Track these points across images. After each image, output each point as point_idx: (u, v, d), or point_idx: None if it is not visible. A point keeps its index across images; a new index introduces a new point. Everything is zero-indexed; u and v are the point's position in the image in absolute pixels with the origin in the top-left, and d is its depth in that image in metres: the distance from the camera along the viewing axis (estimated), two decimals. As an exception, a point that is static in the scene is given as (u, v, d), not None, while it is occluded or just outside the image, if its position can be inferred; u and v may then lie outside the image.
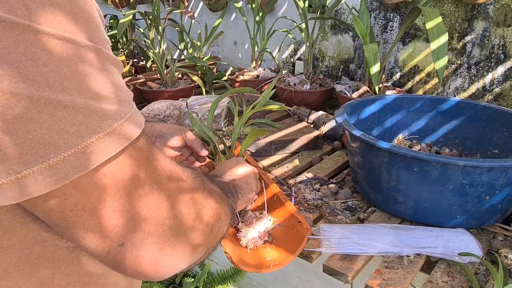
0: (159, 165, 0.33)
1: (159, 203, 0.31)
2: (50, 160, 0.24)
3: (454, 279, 0.60)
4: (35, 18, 0.23)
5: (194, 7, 2.16)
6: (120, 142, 0.28)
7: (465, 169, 0.62)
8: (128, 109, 0.29)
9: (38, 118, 0.24)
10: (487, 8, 1.17)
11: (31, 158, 0.24)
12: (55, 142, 0.24)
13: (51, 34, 0.24)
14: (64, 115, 0.24)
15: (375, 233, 0.67)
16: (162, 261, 0.32)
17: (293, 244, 0.61)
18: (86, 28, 0.26)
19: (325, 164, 0.98)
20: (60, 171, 0.25)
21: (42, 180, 0.25)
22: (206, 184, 0.42)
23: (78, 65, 0.25)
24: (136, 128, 0.29)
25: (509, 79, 1.18)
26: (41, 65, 0.24)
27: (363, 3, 1.22)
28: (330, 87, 1.42)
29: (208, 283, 1.46)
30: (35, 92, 0.23)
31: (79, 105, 0.25)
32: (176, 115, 1.17)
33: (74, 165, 0.25)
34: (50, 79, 0.24)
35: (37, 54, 0.23)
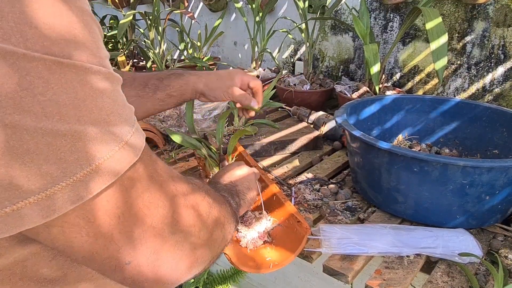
0: (162, 183, 0.32)
1: (162, 220, 0.31)
2: (48, 191, 0.24)
3: (454, 279, 0.60)
4: (30, 45, 0.22)
5: (194, 8, 2.16)
6: (120, 166, 0.27)
7: (465, 169, 0.62)
8: (130, 127, 0.28)
9: (35, 149, 0.23)
10: (487, 8, 1.17)
11: (28, 189, 0.23)
12: (53, 172, 0.24)
13: (48, 61, 0.23)
14: (62, 143, 0.24)
15: (375, 233, 0.67)
16: (164, 272, 0.32)
17: (292, 244, 0.61)
18: (86, 49, 0.25)
19: (325, 164, 0.98)
20: (57, 201, 0.24)
21: (39, 211, 0.24)
22: (209, 193, 0.41)
23: (77, 91, 0.24)
24: (138, 147, 0.29)
25: (509, 80, 1.18)
26: (37, 94, 0.23)
27: (363, 4, 1.22)
28: (330, 87, 1.42)
29: (208, 283, 1.46)
30: (32, 123, 0.22)
31: (79, 133, 0.24)
32: (176, 115, 1.17)
33: (73, 194, 0.25)
34: (48, 108, 0.23)
35: (33, 83, 0.22)
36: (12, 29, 0.22)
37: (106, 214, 0.27)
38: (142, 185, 0.30)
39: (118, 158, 0.27)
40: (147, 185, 0.30)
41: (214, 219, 0.39)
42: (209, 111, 1.13)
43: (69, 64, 0.24)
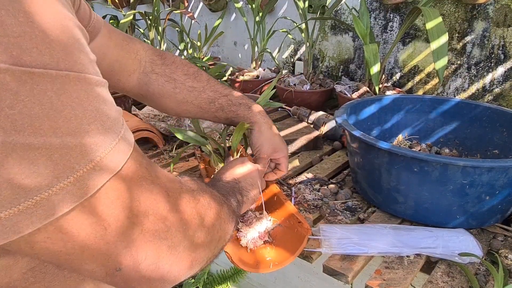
0: (153, 187, 0.31)
1: (156, 228, 0.31)
2: (21, 205, 0.23)
3: (454, 280, 0.60)
4: (28, 62, 0.21)
5: (194, 8, 2.16)
6: (103, 175, 0.26)
7: (465, 170, 0.62)
8: (115, 134, 0.27)
9: (5, 163, 0.22)
10: (487, 8, 1.17)
11: (5, 201, 0.22)
12: (26, 186, 0.22)
13: (17, 72, 0.21)
14: (36, 156, 0.22)
15: (375, 233, 0.67)
16: (162, 272, 0.32)
17: (293, 244, 0.61)
18: (64, 56, 0.24)
19: (325, 165, 0.98)
20: (32, 215, 0.23)
21: (11, 226, 0.23)
22: (207, 194, 0.41)
23: (52, 101, 0.23)
24: (122, 155, 0.27)
25: (509, 80, 1.18)
26: (5, 107, 0.21)
27: (363, 4, 1.22)
28: (330, 87, 1.42)
29: (208, 283, 1.46)
30: (0, 138, 0.21)
31: (54, 145, 0.23)
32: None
33: (48, 208, 0.24)
34: (18, 121, 0.22)
35: (0, 96, 0.21)
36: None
37: (90, 225, 0.26)
38: (132, 192, 0.29)
39: (103, 166, 0.26)
40: (139, 192, 0.29)
41: (211, 220, 0.39)
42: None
43: (42, 73, 0.23)
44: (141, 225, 0.29)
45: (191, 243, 0.35)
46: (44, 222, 0.24)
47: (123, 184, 0.28)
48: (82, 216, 0.26)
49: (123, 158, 0.27)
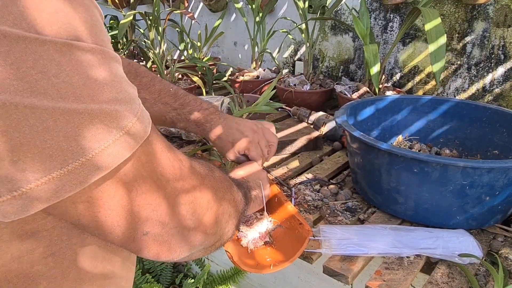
0: (166, 161, 0.34)
1: (171, 199, 0.34)
2: (69, 166, 0.25)
3: (454, 280, 0.60)
4: (40, 29, 0.23)
5: (194, 8, 2.16)
6: (136, 140, 0.28)
7: (465, 170, 0.62)
8: (138, 105, 0.29)
9: (54, 127, 0.24)
10: (487, 8, 1.17)
11: (50, 165, 0.24)
12: (73, 148, 0.25)
13: (58, 44, 0.24)
14: (80, 121, 0.25)
15: (375, 234, 0.67)
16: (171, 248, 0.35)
17: (294, 245, 0.62)
18: (90, 31, 0.26)
19: (325, 165, 0.98)
20: (79, 175, 0.25)
21: (62, 186, 0.25)
22: (220, 183, 0.43)
23: (87, 71, 0.25)
24: (148, 122, 0.30)
25: (509, 80, 1.18)
26: (52, 77, 0.23)
27: (363, 4, 1.22)
28: (330, 87, 1.42)
29: (208, 283, 1.46)
30: (49, 104, 0.23)
31: (94, 111, 0.25)
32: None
33: (92, 168, 0.26)
34: (62, 90, 0.24)
35: (47, 66, 0.23)
36: (22, 15, 0.22)
37: (125, 187, 0.29)
38: (154, 159, 0.32)
39: (134, 132, 0.28)
40: (158, 160, 0.32)
41: (213, 214, 0.40)
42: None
43: (78, 46, 0.25)
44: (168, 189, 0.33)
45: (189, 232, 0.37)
46: (90, 181, 0.26)
47: (147, 148, 0.31)
48: (120, 176, 0.29)
49: (148, 125, 0.30)
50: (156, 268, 1.54)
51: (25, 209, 0.25)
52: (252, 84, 1.56)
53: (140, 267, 1.51)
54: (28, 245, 0.30)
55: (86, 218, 0.29)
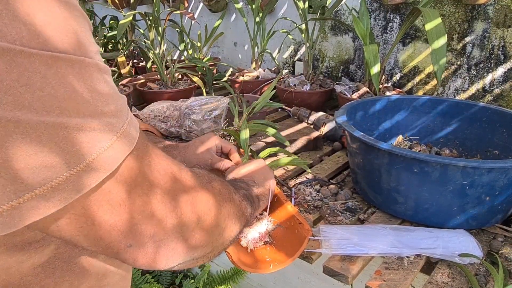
0: (157, 168, 0.33)
1: (160, 206, 0.32)
2: (53, 182, 0.24)
3: (454, 280, 0.60)
4: (26, 42, 0.23)
5: (194, 8, 2.16)
6: (120, 154, 0.28)
7: (465, 170, 0.62)
8: (125, 117, 0.29)
9: (38, 142, 0.23)
10: (487, 9, 1.17)
11: (34, 181, 0.24)
12: (57, 164, 0.24)
13: (44, 56, 0.23)
14: (64, 135, 0.24)
15: (375, 234, 0.67)
16: (159, 259, 0.34)
17: (293, 245, 0.61)
18: (78, 43, 0.26)
19: (325, 165, 0.98)
20: (62, 192, 0.25)
21: (45, 202, 0.24)
22: (212, 184, 0.42)
23: (74, 84, 0.25)
24: (133, 135, 0.30)
25: (509, 80, 1.18)
26: (36, 90, 0.23)
27: (363, 4, 1.22)
28: (330, 88, 1.42)
29: (208, 284, 1.46)
30: (34, 118, 0.23)
31: (79, 124, 0.25)
32: (176, 116, 1.17)
33: (77, 185, 0.25)
34: (47, 103, 0.23)
35: (32, 79, 0.23)
36: (7, 27, 0.22)
37: (108, 203, 0.28)
38: (141, 169, 0.31)
39: (118, 147, 0.28)
40: (146, 169, 0.31)
41: (213, 218, 0.39)
42: (209, 112, 1.13)
43: (65, 58, 0.24)
44: (151, 220, 0.32)
45: (190, 234, 0.36)
46: (74, 197, 0.26)
47: (134, 160, 0.30)
48: (104, 191, 0.28)
49: (135, 135, 0.30)
50: (156, 268, 1.54)
51: (6, 226, 0.24)
52: (252, 84, 1.56)
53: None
54: (18, 258, 0.29)
55: (68, 233, 0.28)
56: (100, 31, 2.00)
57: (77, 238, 0.29)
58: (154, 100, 1.32)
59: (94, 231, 0.29)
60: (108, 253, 0.31)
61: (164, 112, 1.18)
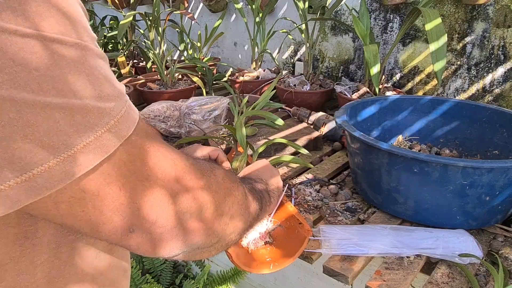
0: (158, 154, 0.33)
1: (161, 192, 0.32)
2: (50, 162, 0.24)
3: (454, 280, 0.60)
4: (21, 22, 0.23)
5: (194, 8, 2.16)
6: (117, 138, 0.28)
7: (465, 170, 0.62)
8: (123, 102, 0.29)
9: (35, 121, 0.23)
10: (487, 9, 1.17)
11: (30, 161, 0.23)
12: (54, 144, 0.24)
13: (39, 37, 0.23)
14: (61, 116, 0.24)
15: (375, 234, 0.67)
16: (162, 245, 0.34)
17: (293, 245, 0.61)
18: (74, 27, 0.26)
19: (325, 165, 0.98)
20: (60, 172, 0.24)
21: (43, 183, 0.24)
22: (214, 172, 0.41)
23: (70, 66, 0.25)
24: (132, 121, 0.29)
25: (509, 80, 1.18)
26: (32, 70, 0.23)
27: (363, 4, 1.22)
28: (330, 88, 1.42)
29: (208, 284, 1.46)
30: (29, 97, 0.23)
31: (76, 106, 0.25)
32: (176, 116, 1.17)
33: (74, 165, 0.25)
34: (43, 83, 0.23)
35: (27, 59, 0.23)
36: (2, 7, 0.22)
37: (108, 186, 0.28)
38: (138, 157, 0.30)
39: (117, 129, 0.27)
40: (144, 158, 0.31)
41: (216, 207, 0.39)
42: (209, 112, 1.13)
43: (60, 39, 0.24)
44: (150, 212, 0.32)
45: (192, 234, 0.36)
46: (72, 178, 0.25)
47: (132, 147, 0.30)
48: (102, 175, 0.27)
49: (133, 123, 0.30)
50: (156, 268, 1.54)
51: (4, 206, 0.24)
52: (252, 85, 1.56)
53: (140, 267, 1.51)
54: (11, 251, 0.29)
55: (69, 218, 0.28)
56: (100, 31, 2.00)
57: (79, 223, 0.28)
58: (154, 100, 1.32)
59: (96, 216, 0.28)
60: (111, 239, 0.31)
61: (164, 112, 1.18)
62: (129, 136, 0.29)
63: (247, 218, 0.47)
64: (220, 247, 0.42)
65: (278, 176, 0.66)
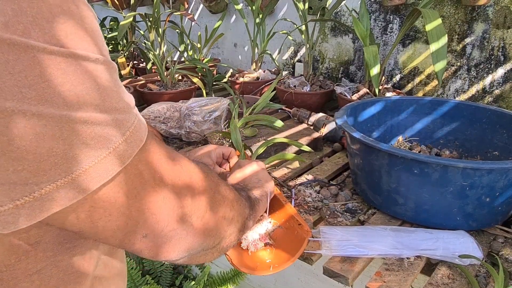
0: (166, 166, 0.34)
1: (171, 201, 0.34)
2: (73, 174, 0.25)
3: (455, 281, 0.60)
4: (48, 39, 0.24)
5: (194, 9, 2.17)
6: (133, 147, 0.29)
7: (465, 171, 0.62)
8: (134, 113, 0.30)
9: (60, 135, 0.24)
10: (486, 10, 1.17)
11: (55, 173, 0.25)
12: (77, 156, 0.25)
13: (65, 54, 0.24)
14: (83, 129, 0.25)
15: (375, 235, 0.67)
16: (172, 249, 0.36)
17: (293, 246, 0.61)
18: (95, 42, 0.27)
19: (325, 166, 0.98)
20: (82, 183, 0.26)
21: (65, 194, 0.25)
22: (218, 187, 0.44)
23: (92, 81, 0.26)
24: (144, 130, 0.31)
25: (509, 81, 1.18)
26: (58, 85, 0.24)
27: (363, 5, 1.22)
28: (330, 89, 1.42)
29: (208, 285, 1.46)
30: (55, 112, 0.24)
31: (97, 119, 0.26)
32: (176, 117, 1.17)
33: (96, 175, 0.26)
34: (67, 98, 0.24)
35: (53, 75, 0.24)
36: (31, 25, 0.23)
37: (124, 193, 0.30)
38: (152, 171, 0.32)
39: (133, 138, 0.29)
40: (155, 172, 0.33)
41: (211, 216, 0.41)
42: (209, 113, 1.13)
43: (83, 56, 0.25)
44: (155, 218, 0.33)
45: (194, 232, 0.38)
46: (92, 189, 0.27)
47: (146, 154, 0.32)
48: (119, 184, 0.29)
49: (145, 131, 0.31)
50: (156, 269, 1.54)
51: (31, 217, 0.25)
52: (252, 86, 1.57)
53: (140, 269, 1.51)
54: (5, 259, 0.29)
55: (88, 225, 0.29)
56: (100, 32, 2.00)
57: (95, 230, 0.30)
58: (154, 101, 1.33)
59: (111, 222, 0.30)
60: (124, 244, 0.32)
61: (164, 113, 1.18)
62: (142, 145, 0.30)
63: (243, 220, 0.50)
64: (220, 249, 0.45)
65: (269, 181, 0.65)
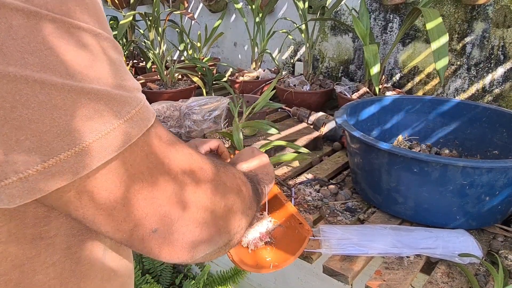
0: (173, 154, 0.32)
1: (180, 192, 0.31)
2: (77, 147, 0.24)
3: (454, 280, 0.60)
4: (51, 7, 0.23)
5: (194, 8, 2.16)
6: (139, 127, 0.28)
7: (465, 170, 0.62)
8: (141, 95, 0.29)
9: (63, 105, 0.23)
10: (486, 9, 1.17)
11: (58, 145, 0.23)
12: (80, 129, 0.24)
13: (67, 23, 0.24)
14: (87, 102, 0.24)
15: (375, 234, 0.67)
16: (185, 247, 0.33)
17: (293, 245, 0.62)
18: (98, 19, 0.27)
19: (325, 165, 0.98)
20: (85, 158, 0.25)
21: (69, 168, 0.24)
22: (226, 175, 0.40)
23: (95, 54, 0.25)
24: (150, 114, 0.29)
25: (509, 80, 1.18)
26: (60, 54, 0.23)
27: (363, 4, 1.22)
28: (330, 88, 1.42)
29: (208, 284, 1.46)
30: (58, 80, 0.23)
31: (101, 92, 0.25)
32: (176, 116, 1.17)
33: (99, 150, 0.25)
34: (70, 68, 0.24)
35: (55, 43, 0.23)
36: None
37: (129, 177, 0.28)
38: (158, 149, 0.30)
39: (138, 119, 0.28)
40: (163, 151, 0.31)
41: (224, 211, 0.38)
42: (209, 112, 1.13)
43: (85, 28, 0.25)
44: None
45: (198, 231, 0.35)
46: (96, 165, 0.25)
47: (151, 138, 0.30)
48: (124, 164, 0.27)
49: (152, 115, 0.30)
50: (156, 268, 1.54)
51: (31, 192, 0.24)
52: (252, 85, 1.57)
53: (140, 268, 1.51)
54: (27, 251, 0.29)
55: (91, 212, 0.27)
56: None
57: (99, 218, 0.28)
58: (154, 100, 1.33)
59: (117, 210, 0.28)
60: (133, 239, 0.30)
61: (164, 112, 1.18)
62: (149, 127, 0.29)
63: (252, 214, 0.46)
64: (232, 245, 0.41)
65: (272, 174, 0.64)
